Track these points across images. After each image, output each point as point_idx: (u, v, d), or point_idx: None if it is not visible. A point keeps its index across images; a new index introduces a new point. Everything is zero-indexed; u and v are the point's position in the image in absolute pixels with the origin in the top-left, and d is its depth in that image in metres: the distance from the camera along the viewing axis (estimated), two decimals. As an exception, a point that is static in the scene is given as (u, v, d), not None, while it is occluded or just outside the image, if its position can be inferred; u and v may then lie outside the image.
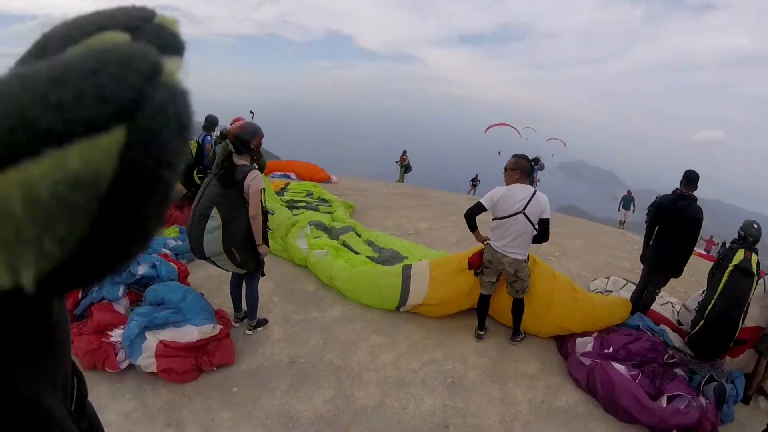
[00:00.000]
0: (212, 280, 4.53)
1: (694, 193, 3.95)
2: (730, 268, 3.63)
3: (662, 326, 4.13)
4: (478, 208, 3.49)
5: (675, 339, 3.96)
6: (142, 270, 3.78)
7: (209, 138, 6.33)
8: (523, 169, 3.43)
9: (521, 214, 3.33)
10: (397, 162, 17.03)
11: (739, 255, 3.64)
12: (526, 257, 3.54)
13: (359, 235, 5.85)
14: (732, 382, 3.50)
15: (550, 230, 3.44)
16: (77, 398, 0.51)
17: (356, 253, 5.16)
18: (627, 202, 14.63)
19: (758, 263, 3.65)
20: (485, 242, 3.67)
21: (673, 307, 4.60)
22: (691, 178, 3.96)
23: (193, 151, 6.21)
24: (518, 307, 3.76)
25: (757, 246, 3.75)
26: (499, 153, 21.49)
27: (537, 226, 3.38)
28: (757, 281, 3.57)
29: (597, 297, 4.30)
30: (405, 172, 16.89)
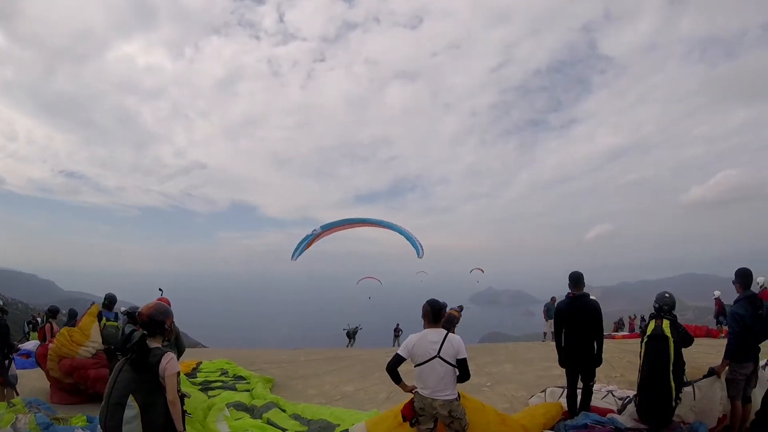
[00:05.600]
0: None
1: (585, 290, 4.43)
2: (645, 340, 4.05)
3: (610, 415, 4.20)
4: (397, 360, 3.58)
5: (626, 421, 4.04)
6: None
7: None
8: (428, 314, 3.63)
9: (437, 358, 3.47)
10: (345, 329, 18.94)
11: (651, 325, 4.04)
12: (456, 395, 3.57)
13: (284, 410, 5.45)
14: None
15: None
16: None
17: (283, 430, 4.76)
18: (551, 309, 14.48)
19: (673, 324, 3.94)
20: (413, 391, 3.68)
21: (613, 395, 4.74)
22: (576, 280, 4.49)
23: (121, 328, 5.83)
24: None
25: (674, 311, 4.05)
26: (369, 298, 23.48)
27: (456, 366, 3.49)
28: (674, 342, 3.83)
29: (520, 415, 4.41)
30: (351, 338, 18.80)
